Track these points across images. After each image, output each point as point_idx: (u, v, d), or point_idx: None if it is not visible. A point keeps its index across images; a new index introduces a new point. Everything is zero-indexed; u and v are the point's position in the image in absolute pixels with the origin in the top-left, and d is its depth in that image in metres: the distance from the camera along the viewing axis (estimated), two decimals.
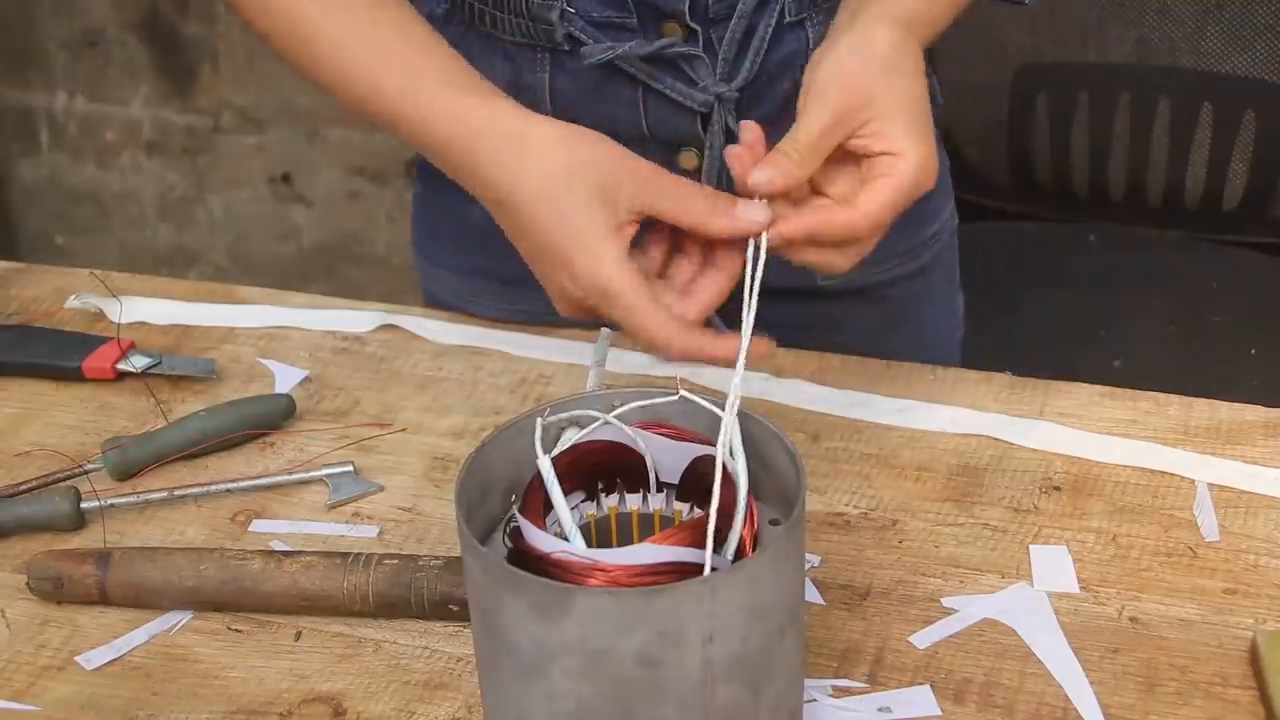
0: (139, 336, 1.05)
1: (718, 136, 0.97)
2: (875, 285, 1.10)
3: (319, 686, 0.77)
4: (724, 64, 0.95)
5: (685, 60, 0.95)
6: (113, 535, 0.87)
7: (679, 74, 0.96)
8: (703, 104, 0.96)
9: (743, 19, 0.95)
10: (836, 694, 0.75)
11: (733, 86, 0.95)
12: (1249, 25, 1.49)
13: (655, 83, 0.96)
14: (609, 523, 0.71)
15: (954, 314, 1.18)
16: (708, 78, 0.95)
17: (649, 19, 0.95)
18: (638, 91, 0.97)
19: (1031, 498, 0.87)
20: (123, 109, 2.53)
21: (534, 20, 0.96)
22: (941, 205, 1.13)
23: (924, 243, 1.11)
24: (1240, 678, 0.74)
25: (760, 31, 0.95)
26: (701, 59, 0.95)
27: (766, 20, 0.95)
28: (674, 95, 0.96)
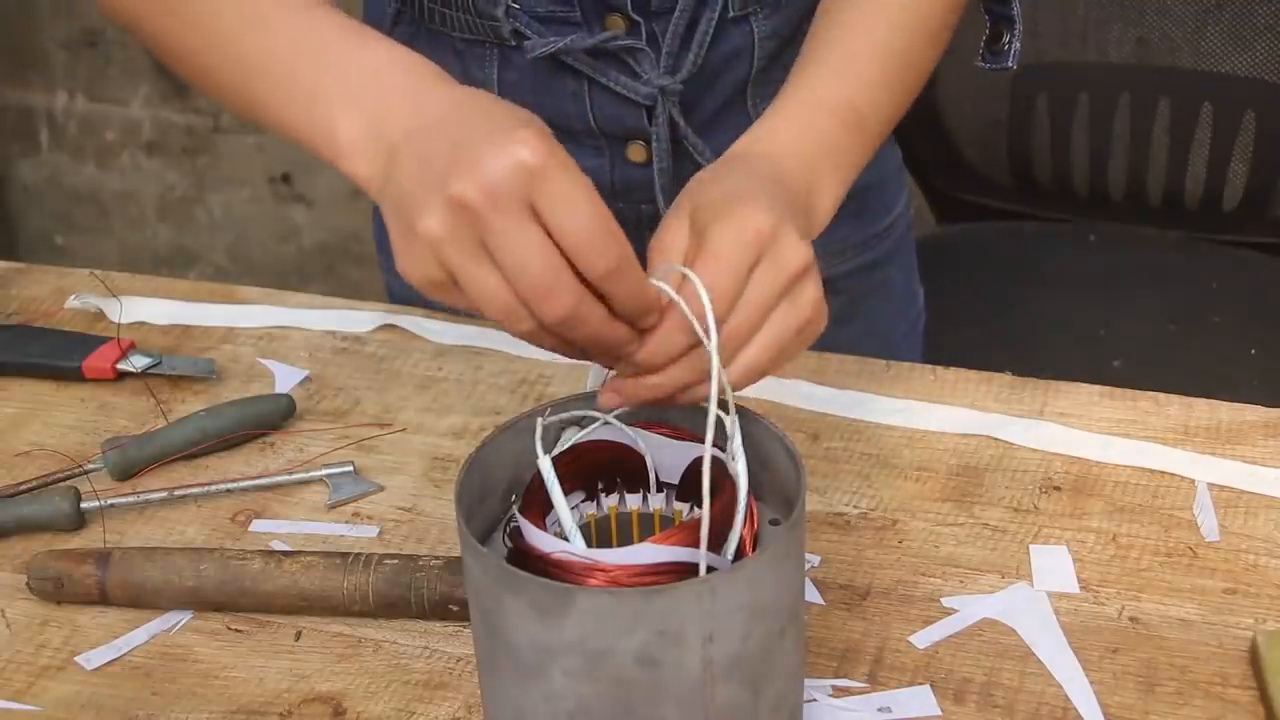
0: (139, 336, 1.05)
1: (663, 129, 0.98)
2: (831, 279, 1.08)
3: (319, 686, 0.77)
4: (668, 57, 0.96)
5: (628, 53, 0.96)
6: (112, 535, 0.87)
7: (623, 67, 0.97)
8: (646, 96, 0.97)
9: (685, 12, 0.95)
10: (836, 694, 0.75)
11: (676, 79, 0.96)
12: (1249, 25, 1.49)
13: (599, 76, 0.97)
14: (609, 523, 0.71)
15: (914, 304, 1.19)
16: (651, 70, 0.96)
17: (592, 12, 0.96)
18: (583, 85, 0.98)
19: (1031, 498, 0.87)
20: (122, 109, 2.53)
21: (480, 16, 0.97)
22: (895, 197, 1.13)
23: (878, 234, 1.12)
24: (1240, 678, 0.74)
25: (703, 25, 0.96)
26: (645, 52, 0.96)
27: (709, 15, 0.96)
28: (618, 88, 0.97)
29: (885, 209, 1.12)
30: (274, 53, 0.72)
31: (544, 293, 0.63)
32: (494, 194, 0.62)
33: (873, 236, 1.12)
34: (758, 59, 0.99)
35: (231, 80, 0.74)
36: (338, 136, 0.69)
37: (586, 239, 0.63)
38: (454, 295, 0.66)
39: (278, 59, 0.72)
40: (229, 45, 0.74)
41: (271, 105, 0.72)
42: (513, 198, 0.62)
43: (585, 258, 0.63)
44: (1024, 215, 1.68)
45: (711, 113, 1.00)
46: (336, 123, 0.69)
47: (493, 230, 0.62)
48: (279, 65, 0.72)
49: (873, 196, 1.11)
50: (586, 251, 0.63)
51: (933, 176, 1.70)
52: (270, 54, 0.72)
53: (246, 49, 0.73)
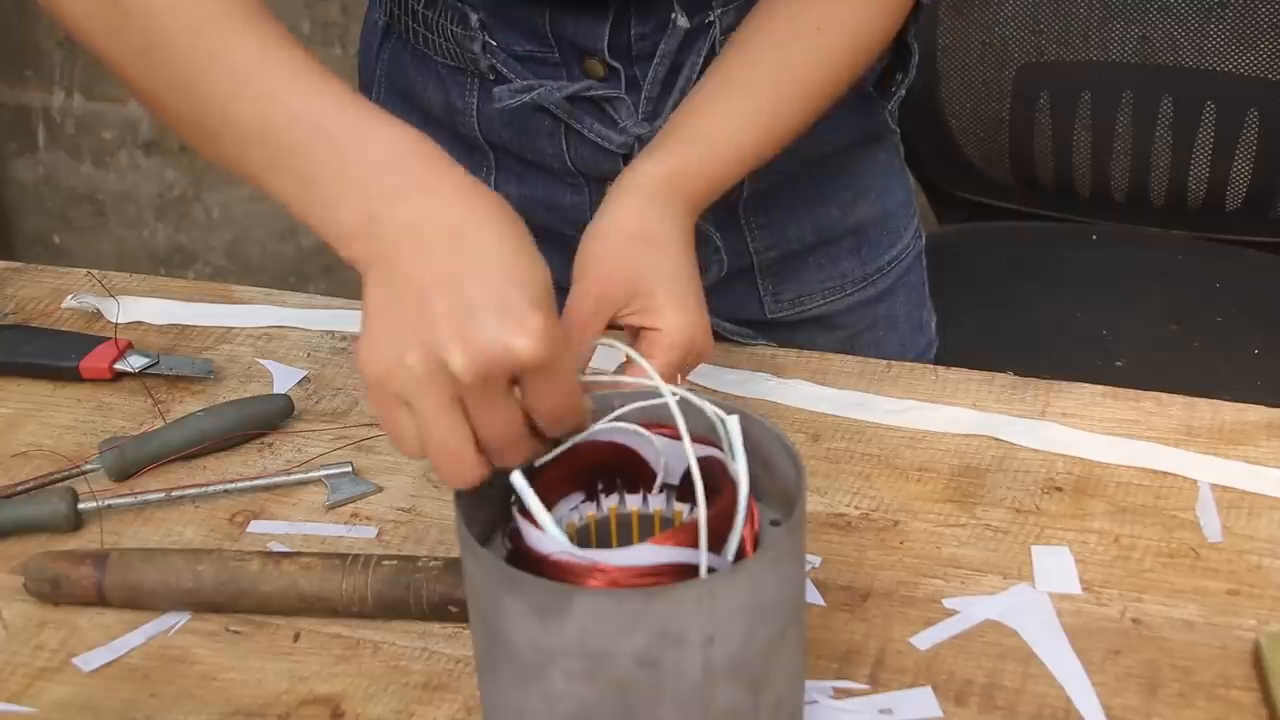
0: (136, 336, 1.04)
1: None
2: (831, 314, 1.09)
3: (317, 688, 0.76)
4: (647, 103, 0.95)
5: (607, 101, 0.94)
6: (110, 536, 0.87)
7: (600, 114, 0.95)
8: (621, 146, 0.96)
9: (666, 58, 0.94)
10: (837, 695, 0.74)
11: (654, 126, 0.93)
12: (1252, 24, 1.49)
13: (575, 123, 0.96)
14: (609, 524, 0.71)
15: (922, 335, 1.16)
16: (629, 118, 0.95)
17: (570, 55, 0.94)
18: (560, 128, 0.97)
19: (1033, 498, 0.86)
20: (120, 107, 2.53)
21: (459, 47, 0.96)
22: (902, 228, 1.11)
23: (881, 269, 1.09)
24: (1243, 679, 0.74)
25: (686, 71, 0.94)
26: (623, 100, 0.94)
27: (693, 60, 0.94)
28: (593, 136, 0.96)
29: (889, 244, 1.10)
30: (269, 125, 0.67)
31: (503, 450, 0.65)
32: (482, 374, 0.62)
33: (875, 271, 1.09)
34: None
35: (214, 137, 0.69)
36: (341, 222, 0.67)
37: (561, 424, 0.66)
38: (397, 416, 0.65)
39: (274, 132, 0.67)
40: (213, 102, 0.68)
41: (265, 175, 0.68)
42: (500, 380, 0.63)
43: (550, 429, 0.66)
44: (1025, 214, 1.67)
45: None
46: (339, 209, 0.66)
47: (473, 398, 0.63)
48: (275, 139, 0.67)
49: (875, 232, 1.08)
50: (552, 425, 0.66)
51: (934, 176, 1.70)
52: (265, 126, 0.67)
53: (238, 113, 0.68)
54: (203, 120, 0.69)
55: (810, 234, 1.05)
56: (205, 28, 0.68)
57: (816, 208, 1.05)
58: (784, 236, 1.05)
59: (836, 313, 1.09)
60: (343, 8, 2.32)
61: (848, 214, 1.06)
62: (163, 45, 0.68)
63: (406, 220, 0.65)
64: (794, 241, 1.05)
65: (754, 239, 1.04)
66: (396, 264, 0.65)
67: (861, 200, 1.06)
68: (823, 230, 1.05)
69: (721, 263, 0.99)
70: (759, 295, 1.07)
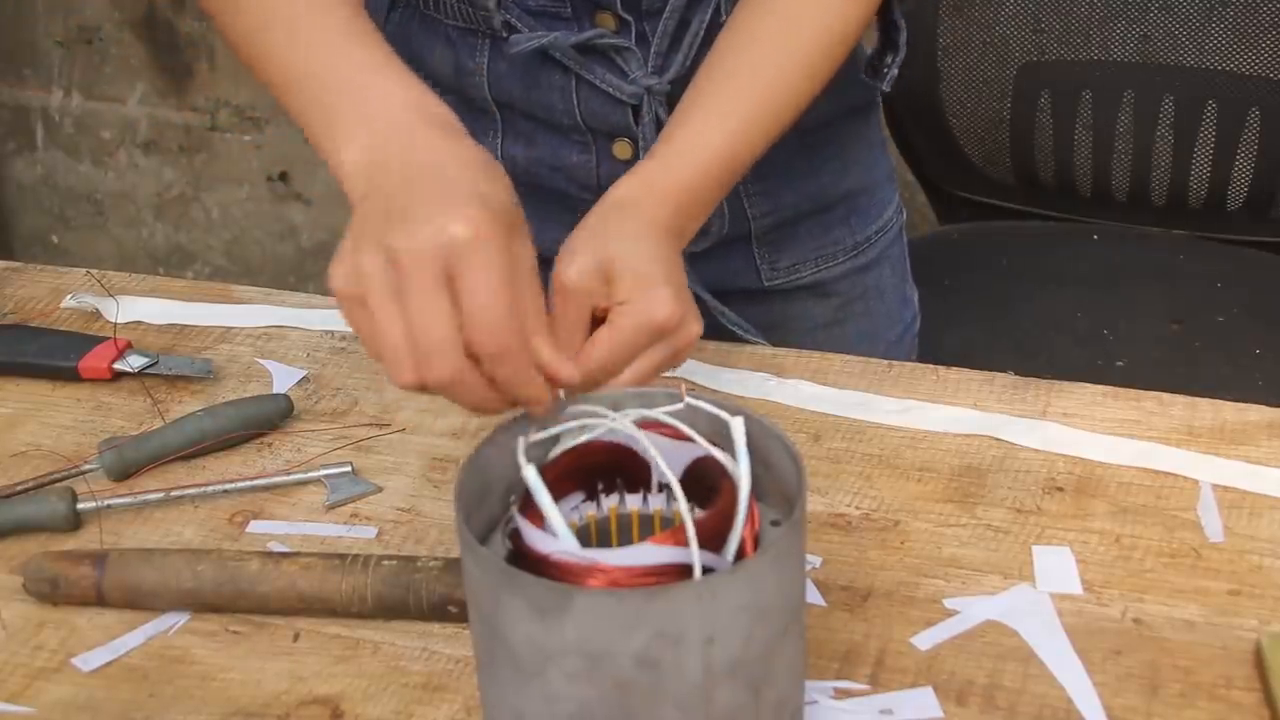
0: (135, 336, 1.04)
1: (649, 128, 0.98)
2: (823, 281, 1.12)
3: (317, 688, 0.76)
4: (656, 56, 0.96)
5: (616, 52, 0.96)
6: (109, 536, 0.87)
7: (610, 65, 0.97)
8: (632, 95, 0.97)
9: (675, 13, 0.95)
10: (838, 696, 0.74)
11: (664, 79, 0.96)
12: (1253, 22, 1.49)
13: (586, 73, 0.97)
14: (609, 523, 0.71)
15: (908, 308, 1.19)
16: (638, 70, 0.96)
17: (583, 8, 0.96)
18: (570, 80, 0.98)
19: (1034, 498, 0.86)
20: (119, 107, 2.53)
21: (473, 6, 0.97)
22: (886, 199, 1.14)
23: (870, 237, 1.12)
24: (1244, 680, 0.74)
25: (694, 26, 0.96)
26: (632, 51, 0.96)
27: (701, 15, 0.96)
28: (604, 86, 0.97)
29: (876, 213, 1.13)
30: (310, 71, 0.79)
31: (429, 354, 0.69)
32: (418, 258, 0.68)
33: (863, 240, 1.12)
34: None
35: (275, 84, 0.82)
36: (342, 159, 0.76)
37: (481, 319, 0.68)
38: (358, 316, 0.71)
39: (312, 77, 0.79)
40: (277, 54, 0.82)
41: (301, 116, 0.80)
42: (433, 266, 0.68)
43: (475, 336, 0.69)
44: (1026, 214, 1.67)
45: None
46: (344, 147, 0.76)
47: (407, 286, 0.68)
48: (312, 82, 0.79)
49: (863, 201, 1.12)
50: (478, 331, 0.68)
51: (935, 175, 1.70)
52: (306, 72, 0.79)
53: (290, 61, 0.81)
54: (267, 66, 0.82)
55: (805, 201, 1.08)
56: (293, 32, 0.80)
57: (810, 176, 1.08)
58: (780, 204, 1.07)
59: (829, 280, 1.11)
60: None
61: (839, 182, 1.09)
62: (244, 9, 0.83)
63: (399, 164, 0.73)
64: (789, 209, 1.08)
65: (751, 205, 1.06)
66: (381, 191, 0.73)
67: (851, 170, 1.10)
68: (816, 198, 1.08)
69: (723, 219, 1.03)
70: (755, 264, 1.09)
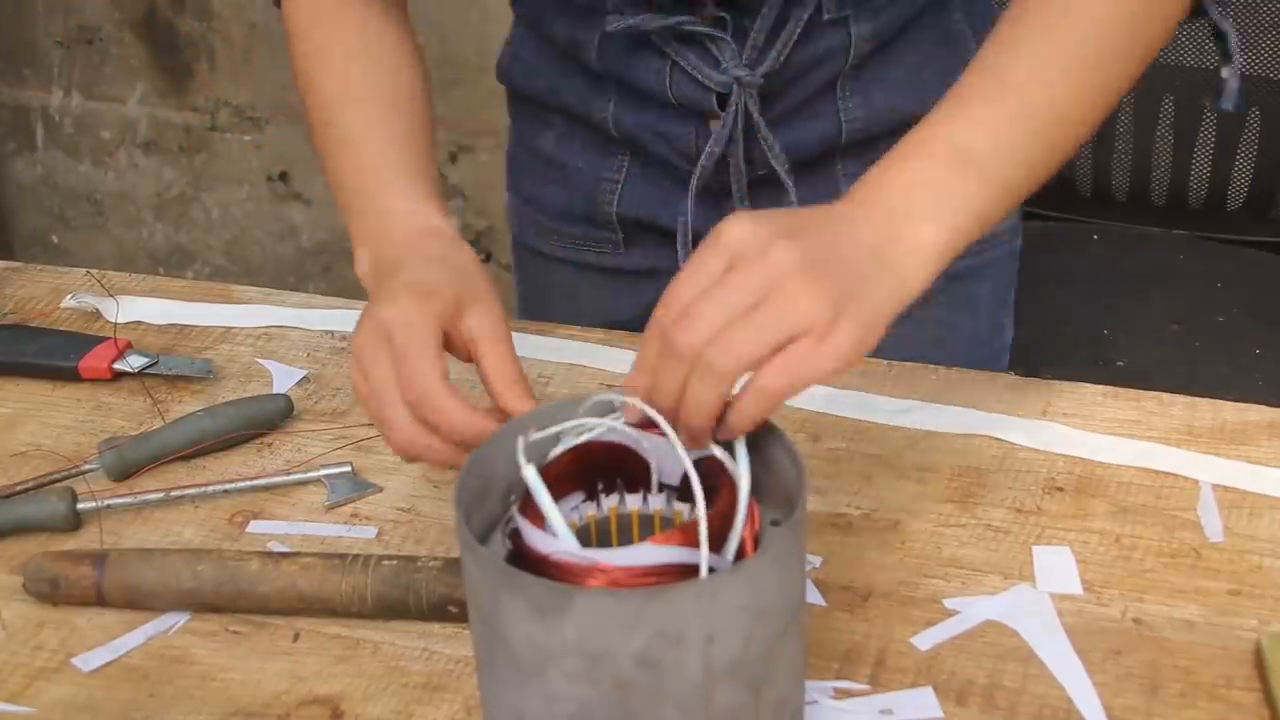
0: (135, 336, 1.04)
1: (737, 118, 0.97)
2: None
3: (317, 688, 0.76)
4: (752, 50, 0.96)
5: (711, 40, 0.96)
6: (109, 536, 0.87)
7: (704, 53, 0.97)
8: (720, 84, 0.97)
9: (774, 8, 0.95)
10: (838, 696, 0.74)
11: (756, 73, 0.96)
12: (1254, 23, 1.49)
13: (679, 58, 0.97)
14: (609, 523, 0.71)
15: (999, 337, 1.14)
16: (731, 60, 0.96)
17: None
18: (665, 64, 0.98)
19: (1034, 498, 0.86)
20: (119, 107, 2.53)
21: None
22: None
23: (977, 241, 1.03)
24: (1244, 680, 0.74)
25: (791, 25, 0.95)
26: (726, 41, 0.96)
27: (799, 13, 0.95)
28: (694, 73, 0.97)
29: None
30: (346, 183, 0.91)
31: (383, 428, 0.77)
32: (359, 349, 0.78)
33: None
34: (852, 59, 0.98)
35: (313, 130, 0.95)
36: (356, 256, 0.88)
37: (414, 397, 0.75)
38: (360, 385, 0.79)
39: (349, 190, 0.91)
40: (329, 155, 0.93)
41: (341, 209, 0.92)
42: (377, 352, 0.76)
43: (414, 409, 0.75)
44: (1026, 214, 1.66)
45: (796, 104, 1.00)
46: (357, 248, 0.89)
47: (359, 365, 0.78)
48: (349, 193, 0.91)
49: None
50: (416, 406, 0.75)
51: None
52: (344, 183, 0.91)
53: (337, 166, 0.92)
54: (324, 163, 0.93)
55: None
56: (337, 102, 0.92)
57: None
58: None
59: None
60: None
61: None
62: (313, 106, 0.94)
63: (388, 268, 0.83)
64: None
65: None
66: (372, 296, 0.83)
67: None
68: None
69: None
70: None
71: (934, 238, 0.72)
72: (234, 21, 2.39)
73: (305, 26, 0.95)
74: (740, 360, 0.65)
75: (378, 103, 0.92)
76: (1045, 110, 0.77)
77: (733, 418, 0.66)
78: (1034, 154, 0.77)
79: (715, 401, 0.65)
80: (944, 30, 1.01)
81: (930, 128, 0.76)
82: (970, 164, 0.74)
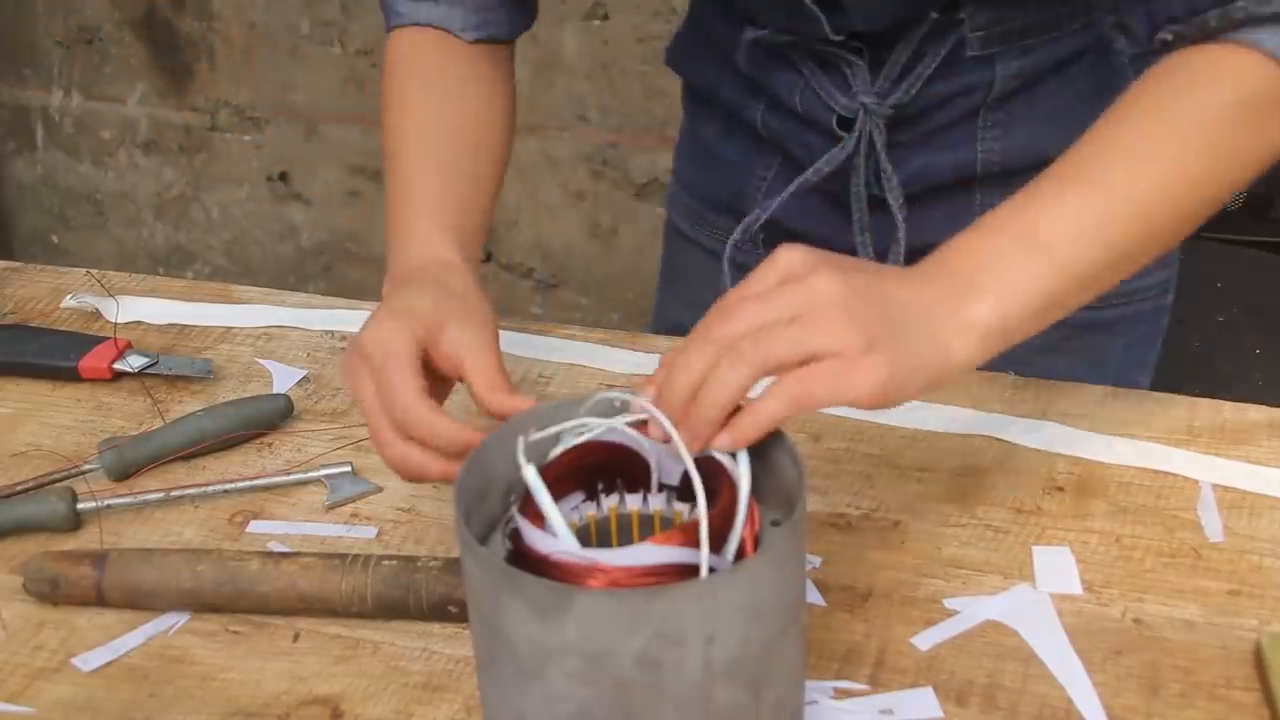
0: (136, 336, 1.04)
1: (861, 142, 0.97)
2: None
3: (317, 688, 0.76)
4: (885, 81, 0.96)
5: (846, 63, 0.96)
6: (109, 536, 0.87)
7: (838, 75, 0.97)
8: (846, 109, 0.97)
9: (911, 42, 0.94)
10: (838, 696, 0.74)
11: (885, 103, 0.95)
12: None
13: (811, 77, 0.97)
14: (609, 523, 0.71)
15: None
16: (862, 86, 0.96)
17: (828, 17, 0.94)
18: (797, 80, 0.99)
19: (1034, 498, 0.86)
20: (119, 107, 2.53)
21: None
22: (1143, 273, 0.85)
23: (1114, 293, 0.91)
24: (1244, 679, 0.74)
25: (929, 59, 0.95)
26: (860, 66, 0.96)
27: (937, 48, 0.94)
28: (821, 93, 0.98)
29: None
30: (390, 217, 0.92)
31: (377, 446, 0.78)
32: (344, 373, 0.80)
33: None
34: (995, 94, 0.96)
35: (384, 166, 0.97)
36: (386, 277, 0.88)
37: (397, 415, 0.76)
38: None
39: (391, 222, 0.92)
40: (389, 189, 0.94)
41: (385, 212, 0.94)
42: (359, 374, 0.78)
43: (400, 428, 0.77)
44: None
45: (930, 131, 0.98)
46: (388, 269, 0.89)
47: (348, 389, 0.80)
48: (391, 224, 0.91)
49: None
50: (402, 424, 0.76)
51: None
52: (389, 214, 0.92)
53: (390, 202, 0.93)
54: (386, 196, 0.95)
55: None
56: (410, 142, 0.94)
57: None
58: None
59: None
60: (342, 7, 2.32)
61: None
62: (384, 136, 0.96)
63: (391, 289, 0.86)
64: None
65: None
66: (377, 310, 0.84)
67: None
68: None
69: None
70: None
71: (986, 316, 0.71)
72: (234, 21, 2.39)
73: (399, 60, 0.97)
74: (768, 356, 0.66)
75: (434, 141, 0.93)
76: (1136, 214, 0.75)
77: (746, 419, 0.66)
78: (1115, 250, 0.75)
79: (735, 389, 0.66)
80: (1105, 70, 0.97)
81: (1013, 207, 0.75)
82: (1044, 249, 0.73)
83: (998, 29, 0.94)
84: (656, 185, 2.26)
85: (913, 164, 0.98)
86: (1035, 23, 0.94)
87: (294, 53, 2.38)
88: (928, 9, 0.92)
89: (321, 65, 2.37)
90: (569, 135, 2.28)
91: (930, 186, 0.99)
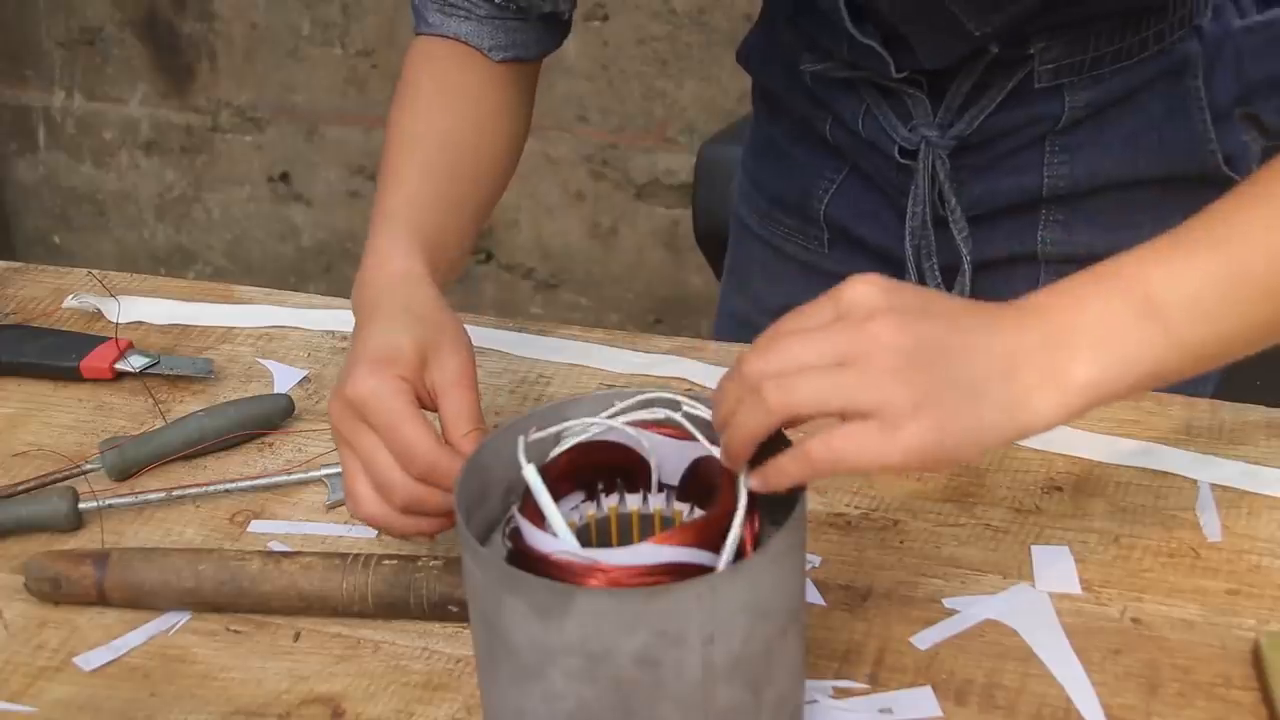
0: (137, 336, 1.04)
1: (922, 175, 0.97)
2: None
3: (318, 687, 0.76)
4: (946, 112, 0.96)
5: (908, 96, 0.96)
6: (111, 536, 0.87)
7: (900, 106, 0.97)
8: (906, 140, 0.97)
9: (973, 74, 0.94)
10: (837, 695, 0.74)
11: (947, 135, 0.95)
12: None
13: (875, 107, 0.98)
14: (609, 523, 0.71)
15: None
16: (923, 119, 0.96)
17: (893, 49, 0.95)
18: (860, 110, 0.99)
19: (1033, 498, 0.86)
20: (120, 107, 2.53)
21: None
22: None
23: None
24: (1243, 679, 0.74)
25: (993, 91, 0.95)
26: (920, 99, 0.96)
27: (1003, 82, 0.94)
28: (884, 124, 0.98)
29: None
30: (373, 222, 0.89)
31: (351, 504, 0.79)
32: (335, 425, 0.79)
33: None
34: (1064, 124, 0.96)
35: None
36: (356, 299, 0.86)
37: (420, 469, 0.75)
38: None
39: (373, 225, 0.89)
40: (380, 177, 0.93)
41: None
42: (355, 429, 0.78)
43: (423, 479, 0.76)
44: None
45: (997, 156, 0.98)
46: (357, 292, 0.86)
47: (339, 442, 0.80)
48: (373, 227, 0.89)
49: None
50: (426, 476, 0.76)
51: None
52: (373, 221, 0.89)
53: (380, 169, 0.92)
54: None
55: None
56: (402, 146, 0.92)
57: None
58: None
59: None
60: (343, 8, 2.32)
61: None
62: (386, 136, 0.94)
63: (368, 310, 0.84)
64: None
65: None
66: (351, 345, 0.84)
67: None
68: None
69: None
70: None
71: (1086, 377, 0.65)
72: (235, 22, 2.39)
73: (418, 64, 0.96)
74: (790, 404, 0.63)
75: (428, 145, 0.92)
76: (1259, 290, 0.68)
77: (770, 472, 0.64)
78: (1231, 326, 0.68)
79: (753, 433, 0.64)
80: (1176, 98, 0.96)
81: (1128, 264, 0.68)
82: (1157, 315, 0.66)
83: (1068, 61, 0.93)
84: (656, 185, 2.27)
85: (976, 189, 0.98)
86: (1108, 53, 0.94)
87: (295, 53, 2.38)
88: (994, 45, 0.92)
89: (322, 66, 2.37)
90: (569, 135, 2.28)
91: (995, 208, 0.99)
